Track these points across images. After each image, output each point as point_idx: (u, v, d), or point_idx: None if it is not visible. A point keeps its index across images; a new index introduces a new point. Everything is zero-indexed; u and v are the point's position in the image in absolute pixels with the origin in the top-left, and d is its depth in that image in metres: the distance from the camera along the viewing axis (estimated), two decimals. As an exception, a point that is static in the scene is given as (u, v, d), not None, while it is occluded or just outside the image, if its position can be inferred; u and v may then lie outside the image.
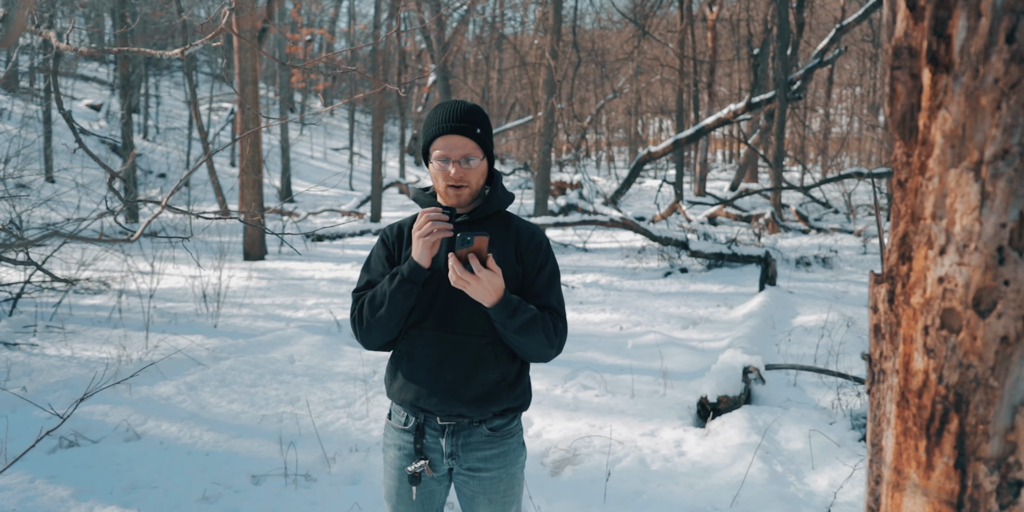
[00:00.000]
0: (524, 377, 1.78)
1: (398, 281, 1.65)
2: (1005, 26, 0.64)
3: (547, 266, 1.76)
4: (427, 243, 1.61)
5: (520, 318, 1.62)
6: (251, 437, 3.78)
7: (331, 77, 27.36)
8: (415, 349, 1.72)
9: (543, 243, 1.78)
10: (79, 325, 6.06)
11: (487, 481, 1.76)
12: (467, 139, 1.66)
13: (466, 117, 1.66)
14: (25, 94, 19.29)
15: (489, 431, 1.75)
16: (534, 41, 21.83)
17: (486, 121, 1.71)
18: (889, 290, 0.76)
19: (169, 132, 23.35)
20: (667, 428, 3.91)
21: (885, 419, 0.77)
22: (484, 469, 1.75)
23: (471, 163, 1.67)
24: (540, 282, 1.74)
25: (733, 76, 28.61)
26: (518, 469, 1.81)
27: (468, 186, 1.69)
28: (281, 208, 16.45)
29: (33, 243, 2.63)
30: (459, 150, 1.66)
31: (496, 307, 1.60)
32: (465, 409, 1.70)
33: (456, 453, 1.74)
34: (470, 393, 1.69)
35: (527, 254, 1.74)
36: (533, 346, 1.67)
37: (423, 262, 1.64)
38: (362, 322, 1.70)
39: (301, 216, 15.37)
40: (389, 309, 1.65)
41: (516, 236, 1.76)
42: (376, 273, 1.77)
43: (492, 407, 1.71)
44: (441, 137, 1.66)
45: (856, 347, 5.51)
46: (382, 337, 1.72)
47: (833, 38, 13.52)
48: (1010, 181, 0.65)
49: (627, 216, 11.30)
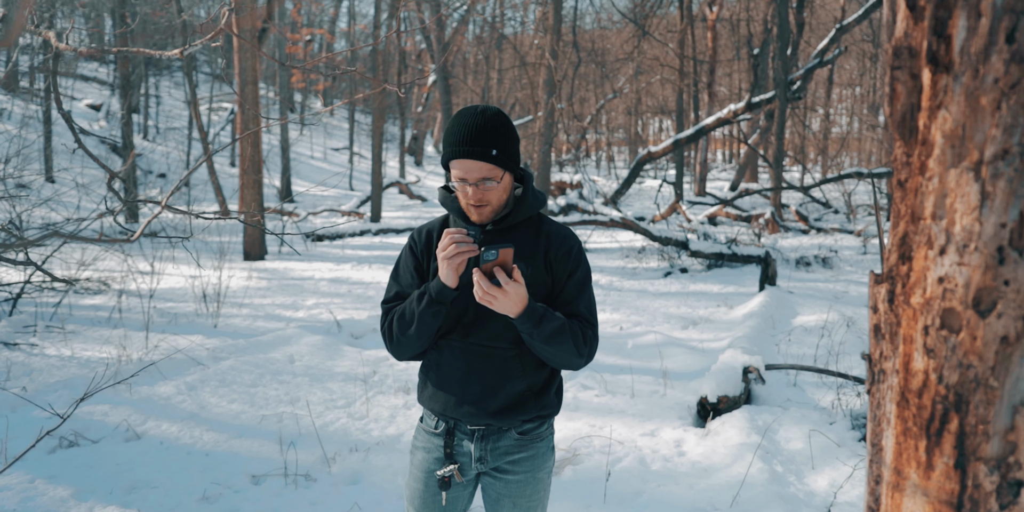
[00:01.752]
0: (553, 384, 1.77)
1: (427, 303, 1.64)
2: (1005, 26, 0.64)
3: (577, 272, 1.72)
4: (452, 264, 1.59)
5: (546, 327, 1.59)
6: (251, 437, 3.78)
7: (331, 77, 27.36)
8: (443, 359, 1.73)
9: (574, 248, 1.73)
10: (79, 325, 6.06)
11: (513, 484, 1.75)
12: (482, 163, 1.61)
13: (480, 139, 1.60)
14: (25, 94, 19.29)
15: (519, 435, 1.75)
16: (534, 41, 21.84)
17: (505, 135, 1.63)
18: (889, 290, 0.76)
19: (169, 132, 23.35)
20: (667, 428, 3.91)
21: (885, 419, 0.77)
22: (511, 472, 1.75)
23: (489, 184, 1.63)
24: (569, 289, 1.71)
25: (733, 76, 28.62)
26: (545, 474, 1.80)
27: (488, 205, 1.66)
28: (281, 208, 16.45)
29: (33, 243, 2.63)
30: (475, 174, 1.61)
31: (521, 317, 1.58)
32: (492, 420, 1.70)
33: (485, 457, 1.74)
34: (496, 404, 1.69)
35: (557, 261, 1.71)
36: (561, 355, 1.65)
37: (450, 283, 1.62)
38: (392, 337, 1.72)
39: (301, 216, 15.37)
40: (418, 328, 1.66)
41: (546, 242, 1.72)
42: (405, 283, 1.76)
43: (520, 416, 1.71)
44: (457, 160, 1.62)
45: (856, 347, 5.51)
46: (411, 352, 1.74)
47: (833, 38, 13.52)
48: (1010, 181, 0.65)
49: (627, 216, 11.30)
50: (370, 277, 8.84)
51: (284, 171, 19.90)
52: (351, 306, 7.02)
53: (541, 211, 1.78)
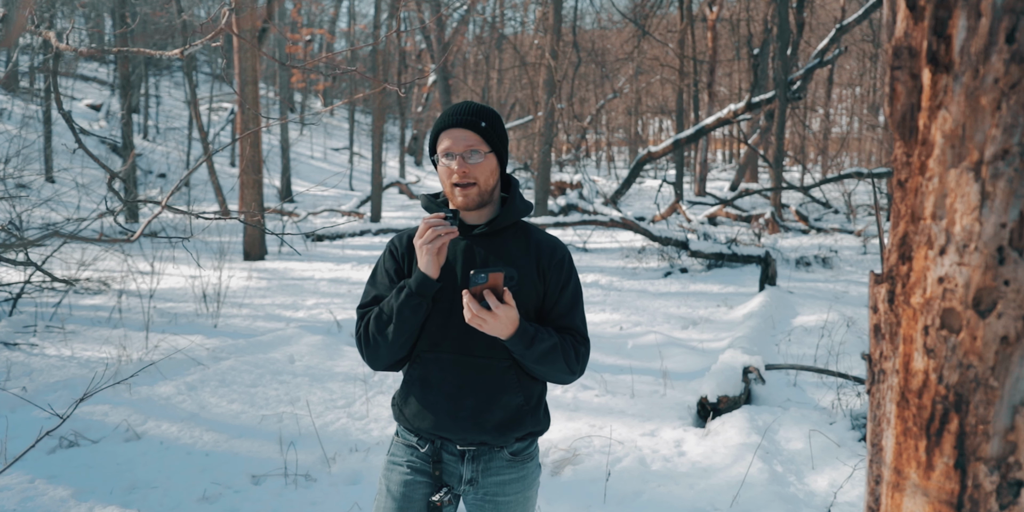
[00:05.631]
0: (544, 399, 1.72)
1: (405, 295, 1.56)
2: (1005, 26, 0.64)
3: (570, 284, 1.67)
4: (431, 250, 1.52)
5: (538, 348, 1.54)
6: (251, 437, 3.78)
7: (331, 77, 27.35)
8: (430, 374, 1.62)
9: (566, 258, 1.68)
10: (79, 325, 6.06)
11: (503, 506, 1.67)
12: (470, 132, 1.57)
13: (471, 112, 1.59)
14: (25, 94, 19.29)
15: (510, 456, 1.67)
16: (534, 41, 21.84)
17: (496, 119, 1.62)
18: (889, 290, 0.76)
19: (169, 132, 23.35)
20: (667, 428, 3.91)
21: (885, 419, 0.77)
22: (502, 494, 1.67)
23: (476, 157, 1.57)
24: (563, 302, 1.65)
25: (733, 76, 28.61)
26: (534, 492, 1.74)
27: (475, 184, 1.59)
28: (281, 208, 16.45)
29: (33, 243, 2.63)
30: (462, 142, 1.57)
31: (513, 339, 1.52)
32: (488, 437, 1.62)
33: (476, 479, 1.65)
34: (493, 419, 1.61)
35: (550, 271, 1.65)
36: (553, 374, 1.61)
37: (431, 273, 1.55)
38: (368, 340, 1.60)
39: (301, 216, 15.37)
40: (397, 326, 1.56)
41: (537, 251, 1.66)
42: (383, 287, 1.67)
43: (515, 432, 1.64)
44: (445, 131, 1.59)
45: (856, 347, 5.51)
46: (389, 356, 1.62)
47: (833, 38, 13.52)
48: (1010, 181, 0.65)
49: (627, 216, 11.30)
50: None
51: (284, 171, 19.90)
52: (351, 306, 7.01)
53: (526, 219, 1.74)
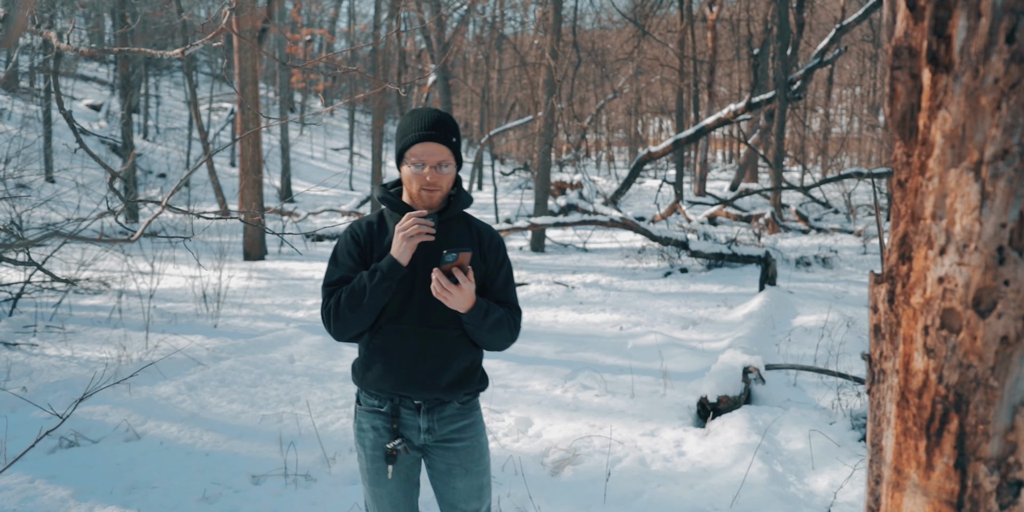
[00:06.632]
0: (481, 363, 2.00)
1: (379, 278, 1.78)
2: (1005, 26, 0.64)
3: (505, 264, 1.97)
4: (411, 243, 1.77)
5: (491, 318, 1.84)
6: (251, 437, 3.78)
7: (331, 77, 27.35)
8: (391, 343, 1.86)
9: (501, 242, 1.99)
10: (79, 325, 6.05)
11: (462, 451, 1.92)
12: (443, 147, 1.82)
13: (441, 126, 1.82)
14: (25, 94, 19.29)
15: (459, 405, 1.93)
16: (534, 41, 21.82)
17: (458, 130, 1.88)
18: (889, 290, 0.76)
19: (169, 132, 23.35)
20: (667, 428, 3.91)
21: (885, 419, 0.77)
22: (459, 439, 1.92)
23: (445, 169, 1.83)
24: (500, 279, 1.95)
25: (733, 76, 28.61)
26: (486, 440, 2.00)
27: (440, 189, 1.85)
28: (281, 208, 16.45)
29: (33, 243, 2.63)
30: (436, 156, 1.81)
31: (472, 310, 1.80)
32: (442, 394, 1.88)
33: (432, 427, 1.90)
34: (446, 379, 1.87)
35: (489, 253, 1.94)
36: (497, 341, 1.90)
37: (403, 260, 1.79)
38: (339, 316, 1.82)
39: (301, 216, 15.37)
40: (370, 304, 1.79)
41: (478, 236, 1.95)
42: (347, 268, 1.88)
43: (464, 389, 1.91)
44: (419, 143, 1.81)
45: (856, 347, 5.51)
46: (356, 329, 1.85)
47: (833, 38, 13.52)
48: (1010, 181, 0.65)
49: (627, 216, 11.30)
50: (370, 277, 8.83)
51: (284, 171, 19.90)
52: (351, 306, 7.00)
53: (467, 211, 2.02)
